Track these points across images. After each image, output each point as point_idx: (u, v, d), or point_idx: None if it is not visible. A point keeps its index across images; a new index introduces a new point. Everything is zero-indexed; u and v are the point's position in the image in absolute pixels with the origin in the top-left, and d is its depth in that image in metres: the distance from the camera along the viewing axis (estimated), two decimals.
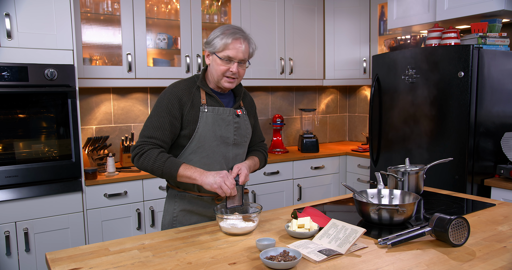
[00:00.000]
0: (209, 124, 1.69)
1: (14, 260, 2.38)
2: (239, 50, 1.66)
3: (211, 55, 1.70)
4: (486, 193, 2.63)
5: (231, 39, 1.64)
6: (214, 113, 1.71)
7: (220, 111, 1.72)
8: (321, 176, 3.61)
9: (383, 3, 3.62)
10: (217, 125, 1.71)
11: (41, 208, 2.42)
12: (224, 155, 1.74)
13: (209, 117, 1.70)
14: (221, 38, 1.65)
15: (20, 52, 2.34)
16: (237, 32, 1.67)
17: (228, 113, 1.74)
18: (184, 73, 3.11)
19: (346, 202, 2.00)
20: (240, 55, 1.66)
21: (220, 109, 1.73)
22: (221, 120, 1.72)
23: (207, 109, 1.70)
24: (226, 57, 1.66)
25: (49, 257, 1.32)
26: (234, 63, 1.67)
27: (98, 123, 3.15)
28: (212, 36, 1.69)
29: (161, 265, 1.25)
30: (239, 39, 1.66)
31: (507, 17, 2.79)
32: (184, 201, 1.76)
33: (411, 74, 2.86)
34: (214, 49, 1.67)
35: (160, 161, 1.60)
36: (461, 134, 2.59)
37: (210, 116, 1.70)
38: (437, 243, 1.40)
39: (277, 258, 1.20)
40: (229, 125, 1.74)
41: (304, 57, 3.75)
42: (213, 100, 1.74)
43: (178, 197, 1.77)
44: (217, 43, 1.66)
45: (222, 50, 1.66)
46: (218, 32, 1.68)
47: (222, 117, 1.72)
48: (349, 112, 4.48)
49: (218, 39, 1.66)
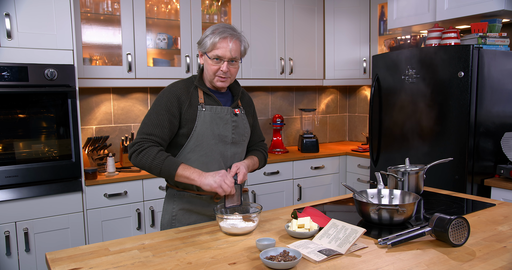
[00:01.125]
0: (207, 122, 1.70)
1: (14, 260, 2.38)
2: (227, 49, 1.65)
3: (203, 55, 1.71)
4: (486, 193, 2.63)
5: (218, 38, 1.64)
6: (212, 112, 1.72)
7: (218, 110, 1.73)
8: (321, 176, 3.60)
9: (383, 3, 3.62)
10: (215, 124, 1.71)
11: (41, 208, 2.42)
12: (222, 154, 1.74)
13: (207, 116, 1.70)
14: (209, 38, 1.65)
15: (20, 52, 2.34)
16: (225, 31, 1.66)
17: (226, 112, 1.75)
18: (184, 73, 3.11)
19: (346, 202, 2.00)
20: (228, 54, 1.65)
21: (218, 108, 1.73)
22: (219, 118, 1.73)
23: (205, 108, 1.71)
24: (215, 56, 1.66)
25: (49, 257, 1.32)
26: (224, 62, 1.67)
27: (98, 123, 3.15)
28: (203, 36, 1.70)
29: (161, 265, 1.25)
30: (227, 37, 1.65)
31: (507, 17, 2.79)
32: (183, 200, 1.77)
33: (411, 74, 2.86)
34: (204, 49, 1.68)
35: (159, 160, 1.59)
36: (461, 134, 2.59)
37: (208, 114, 1.71)
38: (437, 243, 1.40)
39: (277, 258, 1.20)
40: (227, 124, 1.74)
41: (304, 57, 3.75)
42: (211, 99, 1.75)
43: (177, 196, 1.77)
44: (206, 43, 1.67)
45: (211, 49, 1.66)
46: (208, 31, 1.69)
47: (220, 116, 1.73)
48: (349, 112, 4.48)
49: (207, 39, 1.67)
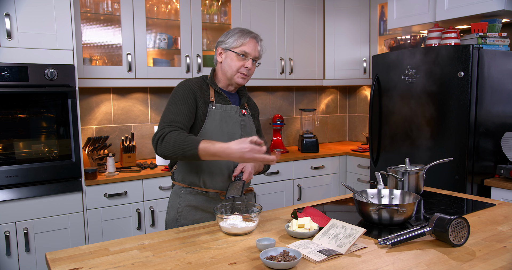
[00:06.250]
0: (217, 120, 1.74)
1: (14, 260, 2.38)
2: (255, 48, 1.77)
3: (225, 52, 1.77)
4: (486, 193, 2.63)
5: (248, 38, 1.76)
6: (221, 110, 1.76)
7: (227, 108, 1.78)
8: (321, 176, 3.60)
9: (383, 3, 3.62)
10: (224, 122, 1.76)
11: (41, 208, 2.42)
12: None
13: (216, 114, 1.75)
14: (238, 36, 1.75)
15: (20, 52, 2.34)
16: (252, 34, 1.79)
17: (235, 111, 1.80)
18: (184, 73, 3.11)
19: (346, 202, 2.00)
20: (255, 53, 1.77)
21: (227, 107, 1.78)
22: (228, 117, 1.77)
23: (215, 106, 1.76)
24: (242, 52, 1.74)
25: (49, 257, 1.32)
26: (249, 59, 1.76)
27: (98, 123, 3.15)
28: (228, 35, 1.78)
29: (161, 265, 1.25)
30: (255, 38, 1.79)
31: (507, 17, 2.79)
32: (189, 197, 1.78)
33: (411, 74, 2.86)
34: (230, 45, 1.76)
35: (180, 141, 1.52)
36: (461, 134, 2.59)
37: (218, 113, 1.75)
38: (437, 243, 1.40)
39: (277, 258, 1.20)
40: (236, 123, 1.79)
41: (304, 57, 3.75)
42: (221, 98, 1.79)
43: (183, 193, 1.79)
44: (233, 40, 1.75)
45: (240, 45, 1.75)
46: (233, 32, 1.78)
47: (229, 114, 1.78)
48: (349, 112, 4.48)
49: (235, 37, 1.75)
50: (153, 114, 3.36)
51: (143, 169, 2.91)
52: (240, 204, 1.67)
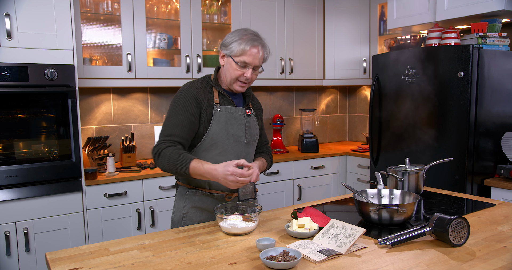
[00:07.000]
0: (222, 122, 1.73)
1: (14, 260, 2.38)
2: (256, 57, 1.68)
3: (227, 57, 1.72)
4: (486, 193, 2.63)
5: (249, 46, 1.67)
6: (226, 112, 1.74)
7: (232, 110, 1.76)
8: (321, 176, 3.60)
9: (383, 3, 3.62)
10: (229, 124, 1.74)
11: (41, 208, 2.42)
12: (237, 154, 1.77)
13: (222, 116, 1.73)
14: (239, 43, 1.67)
15: (20, 52, 2.34)
16: (255, 39, 1.69)
17: (240, 112, 1.78)
18: (184, 73, 3.11)
19: (346, 202, 2.00)
20: (256, 61, 1.69)
21: (232, 108, 1.76)
22: (233, 119, 1.75)
23: (220, 108, 1.73)
24: (242, 62, 1.68)
25: (49, 257, 1.32)
26: (249, 69, 1.70)
27: (98, 123, 3.15)
28: (230, 40, 1.70)
29: (161, 265, 1.25)
30: (257, 46, 1.69)
31: (507, 17, 2.79)
32: (194, 198, 1.78)
33: (411, 74, 2.86)
34: (231, 52, 1.69)
35: (173, 160, 1.57)
36: (461, 134, 2.59)
37: (223, 115, 1.73)
38: (437, 243, 1.40)
39: (277, 258, 1.20)
40: (241, 124, 1.77)
41: (304, 57, 3.75)
42: (225, 99, 1.77)
43: (189, 194, 1.79)
44: (234, 47, 1.68)
45: (240, 55, 1.67)
46: (236, 36, 1.69)
47: (234, 116, 1.76)
48: (349, 112, 4.48)
49: (236, 44, 1.67)
50: (153, 114, 3.36)
51: (143, 169, 2.91)
52: (240, 204, 1.67)
